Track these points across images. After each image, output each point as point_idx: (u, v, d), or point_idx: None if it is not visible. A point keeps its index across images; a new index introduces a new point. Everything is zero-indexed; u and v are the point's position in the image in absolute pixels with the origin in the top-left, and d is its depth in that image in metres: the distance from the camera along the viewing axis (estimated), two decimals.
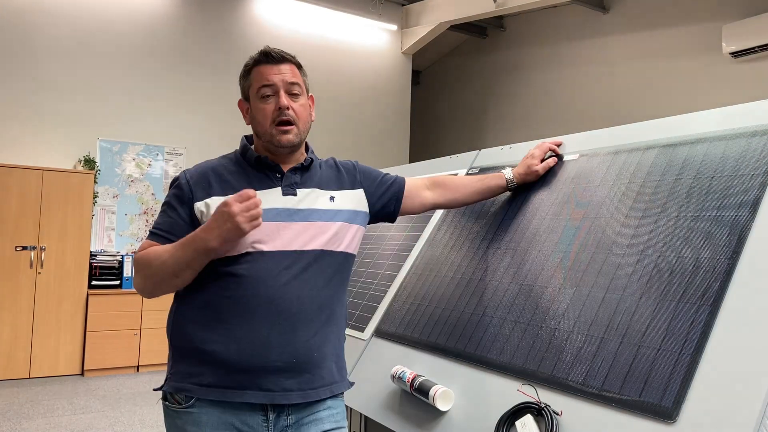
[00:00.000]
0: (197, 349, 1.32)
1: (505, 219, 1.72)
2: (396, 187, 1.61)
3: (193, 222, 1.38)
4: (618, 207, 1.42)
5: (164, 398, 1.36)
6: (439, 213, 2.03)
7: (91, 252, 5.59)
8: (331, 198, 1.46)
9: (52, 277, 5.29)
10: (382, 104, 7.73)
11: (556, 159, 1.71)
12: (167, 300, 5.71)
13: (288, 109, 1.39)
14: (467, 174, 2.04)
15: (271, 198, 1.39)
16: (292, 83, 1.41)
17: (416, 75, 9.48)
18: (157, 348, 5.64)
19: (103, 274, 5.59)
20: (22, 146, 5.63)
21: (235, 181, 1.41)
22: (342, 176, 1.53)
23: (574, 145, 1.71)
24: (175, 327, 1.37)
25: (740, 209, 1.17)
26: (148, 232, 1.44)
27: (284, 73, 1.41)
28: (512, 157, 1.90)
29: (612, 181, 1.49)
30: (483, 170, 1.98)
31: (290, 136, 1.40)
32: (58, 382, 5.11)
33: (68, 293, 5.35)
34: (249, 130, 6.79)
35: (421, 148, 9.32)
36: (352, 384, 1.47)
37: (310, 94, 1.50)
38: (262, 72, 1.41)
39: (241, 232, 1.25)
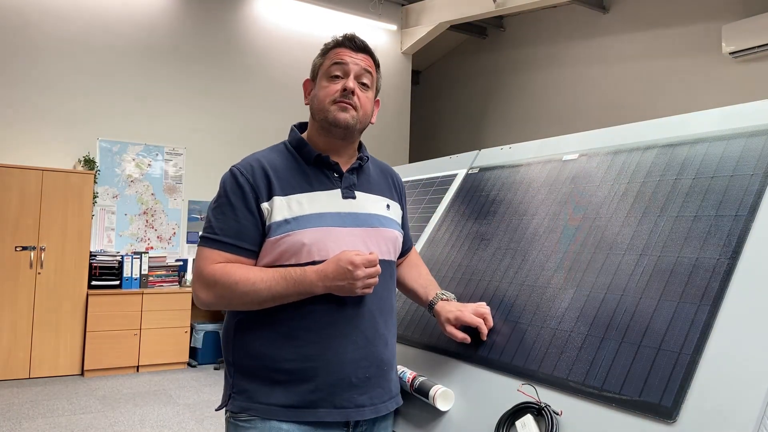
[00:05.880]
0: (266, 367, 1.24)
1: (505, 219, 1.72)
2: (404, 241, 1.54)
3: (262, 223, 1.27)
4: (618, 207, 1.42)
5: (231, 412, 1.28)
6: (439, 213, 2.03)
7: (91, 252, 5.59)
8: (387, 206, 1.42)
9: (52, 277, 5.29)
10: (382, 104, 7.73)
11: (483, 334, 1.41)
12: (167, 300, 5.71)
13: (353, 94, 1.32)
14: (467, 173, 2.04)
15: (331, 201, 1.31)
16: (365, 71, 1.36)
17: (416, 75, 9.48)
18: (157, 348, 5.64)
19: (103, 274, 5.59)
20: (22, 146, 5.63)
21: (294, 179, 1.31)
22: (392, 186, 1.50)
23: (574, 145, 1.71)
24: (238, 344, 1.28)
25: (740, 209, 1.17)
26: (204, 238, 1.27)
27: (361, 60, 1.36)
28: (512, 157, 1.90)
29: (612, 181, 1.49)
30: (483, 170, 1.98)
31: (347, 115, 1.32)
32: (58, 382, 5.11)
33: (68, 293, 5.35)
34: (249, 129, 6.79)
35: (421, 148, 9.32)
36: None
37: (377, 98, 1.44)
38: (339, 53, 1.35)
39: (350, 294, 1.22)
